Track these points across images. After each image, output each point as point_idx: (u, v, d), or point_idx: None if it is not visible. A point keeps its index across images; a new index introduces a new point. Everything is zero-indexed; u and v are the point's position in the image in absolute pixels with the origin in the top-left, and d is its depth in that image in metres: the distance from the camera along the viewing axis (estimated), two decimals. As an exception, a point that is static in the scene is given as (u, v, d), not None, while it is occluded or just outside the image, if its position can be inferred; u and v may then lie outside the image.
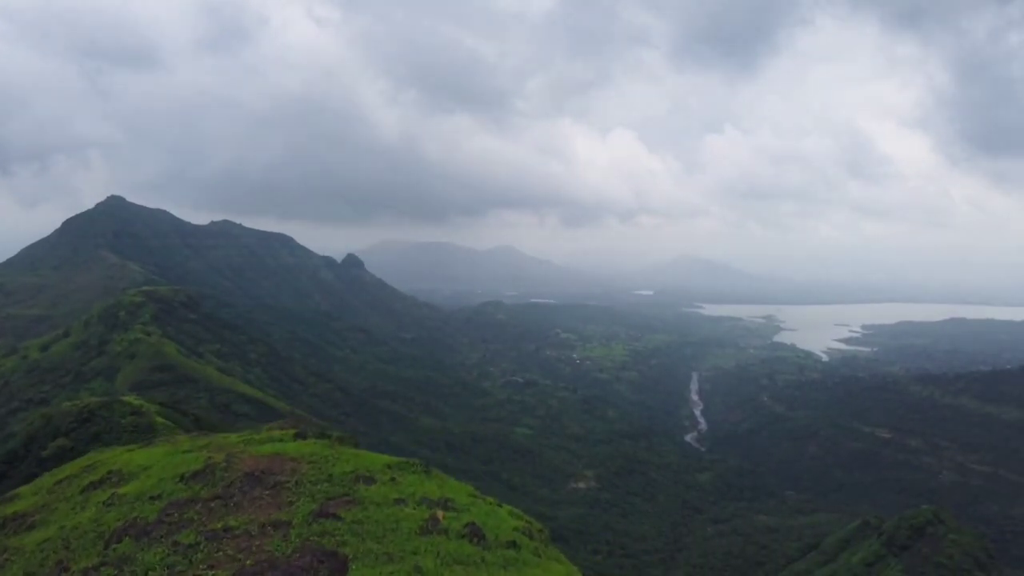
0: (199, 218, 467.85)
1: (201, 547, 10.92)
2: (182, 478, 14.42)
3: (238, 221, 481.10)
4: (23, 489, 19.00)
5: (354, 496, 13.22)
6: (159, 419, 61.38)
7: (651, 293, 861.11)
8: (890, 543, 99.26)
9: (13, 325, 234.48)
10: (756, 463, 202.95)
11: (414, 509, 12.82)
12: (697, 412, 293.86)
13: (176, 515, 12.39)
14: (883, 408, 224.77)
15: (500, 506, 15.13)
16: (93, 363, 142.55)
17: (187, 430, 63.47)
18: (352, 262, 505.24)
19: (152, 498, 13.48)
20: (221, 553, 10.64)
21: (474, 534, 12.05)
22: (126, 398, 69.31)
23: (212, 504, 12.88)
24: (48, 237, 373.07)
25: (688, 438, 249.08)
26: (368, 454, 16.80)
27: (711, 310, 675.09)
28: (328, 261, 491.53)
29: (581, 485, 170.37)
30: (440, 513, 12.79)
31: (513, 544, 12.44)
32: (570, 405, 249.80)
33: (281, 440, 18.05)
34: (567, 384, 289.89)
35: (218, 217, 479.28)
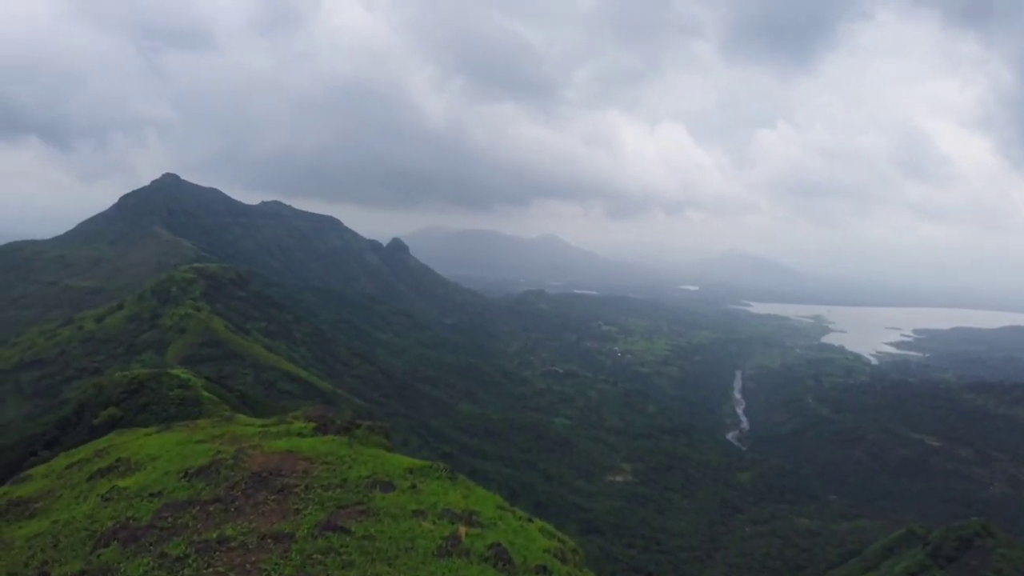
0: (250, 198, 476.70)
1: (190, 560, 9.79)
2: (185, 474, 13.46)
3: (288, 203, 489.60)
4: (36, 470, 18.11)
5: (368, 505, 11.99)
6: (205, 393, 62.66)
7: (696, 289, 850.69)
8: (935, 554, 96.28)
9: (71, 296, 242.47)
10: (799, 465, 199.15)
11: (434, 524, 11.52)
12: (739, 411, 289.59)
13: (170, 519, 11.37)
14: (933, 415, 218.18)
15: (531, 521, 13.56)
16: (145, 336, 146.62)
17: (232, 406, 64.58)
18: (397, 247, 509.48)
19: (151, 495, 12.61)
20: (210, 570, 9.52)
21: (499, 557, 10.65)
22: (174, 371, 70.88)
23: (211, 508, 11.82)
24: (105, 212, 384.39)
25: (729, 436, 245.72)
26: (390, 456, 15.55)
27: (758, 308, 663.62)
28: (374, 245, 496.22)
29: (618, 478, 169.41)
30: (463, 529, 11.44)
31: (544, 570, 11.10)
32: (610, 398, 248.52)
33: (300, 434, 16.94)
34: (607, 376, 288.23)
35: (268, 198, 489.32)
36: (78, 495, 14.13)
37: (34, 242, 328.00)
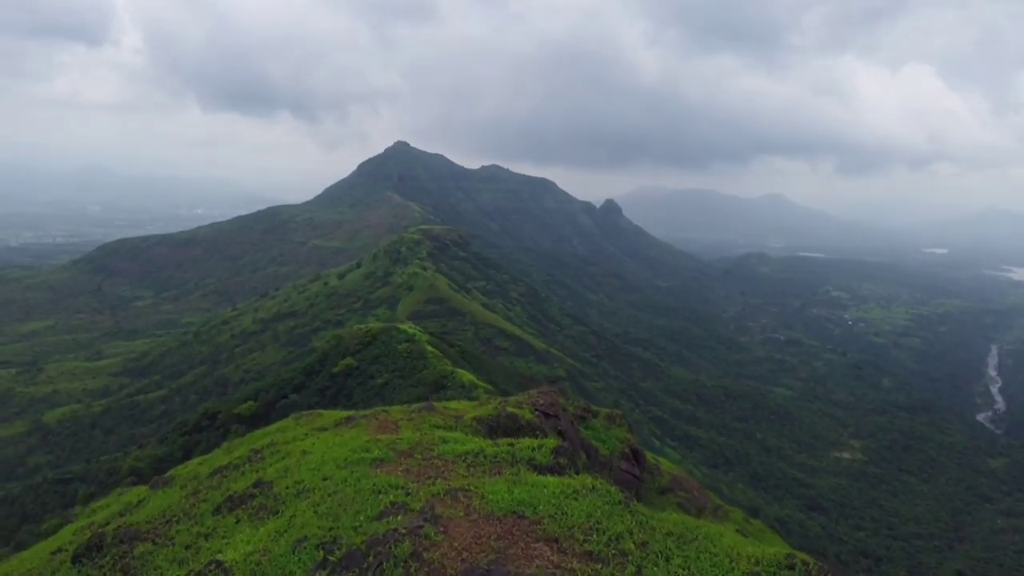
0: (469, 162, 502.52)
1: None
2: (324, 561, 8.20)
3: (504, 165, 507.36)
4: (183, 469, 15.25)
5: None
6: (429, 348, 66.37)
7: (945, 252, 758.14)
8: None
9: (319, 255, 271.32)
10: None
11: None
12: (994, 389, 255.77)
13: None
14: None
15: None
16: (379, 292, 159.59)
17: (453, 361, 67.99)
18: (610, 208, 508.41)
19: None
20: None
21: None
22: (402, 326, 76.05)
23: None
24: (346, 179, 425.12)
25: (980, 417, 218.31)
26: (701, 528, 8.92)
27: (1022, 274, 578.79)
28: (587, 206, 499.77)
29: (845, 455, 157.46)
30: None
31: None
32: (837, 369, 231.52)
33: (532, 460, 11.25)
34: (835, 346, 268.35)
35: (486, 161, 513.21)
36: (187, 542, 10.76)
37: (289, 206, 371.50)
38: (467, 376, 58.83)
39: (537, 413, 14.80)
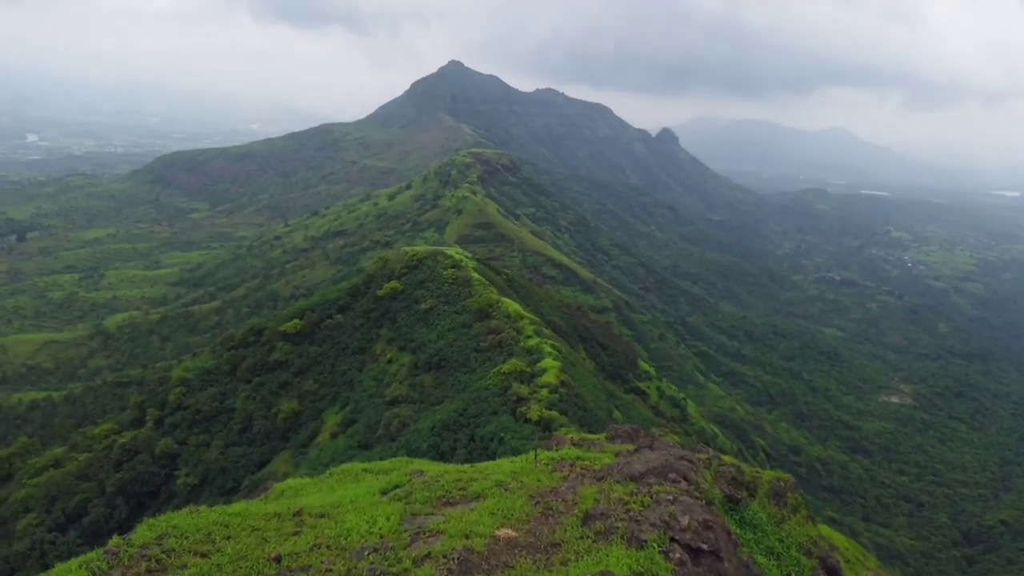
0: (522, 84, 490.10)
1: None
2: None
3: (558, 88, 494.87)
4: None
5: None
6: (475, 275, 65.69)
7: (1018, 195, 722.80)
8: None
9: (369, 175, 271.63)
10: None
11: None
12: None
13: None
14: None
15: None
16: (428, 215, 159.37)
17: (499, 289, 67.41)
18: (667, 137, 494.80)
19: None
20: None
21: None
22: (448, 251, 75.45)
23: None
24: (398, 98, 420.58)
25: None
26: None
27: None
28: (642, 135, 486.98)
29: (894, 399, 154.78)
30: None
31: None
32: (893, 311, 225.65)
33: None
34: (892, 288, 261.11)
35: (539, 83, 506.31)
36: None
37: (341, 124, 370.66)
38: (512, 306, 58.18)
39: (677, 557, 7.20)
